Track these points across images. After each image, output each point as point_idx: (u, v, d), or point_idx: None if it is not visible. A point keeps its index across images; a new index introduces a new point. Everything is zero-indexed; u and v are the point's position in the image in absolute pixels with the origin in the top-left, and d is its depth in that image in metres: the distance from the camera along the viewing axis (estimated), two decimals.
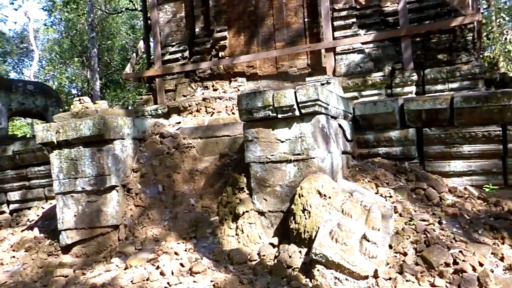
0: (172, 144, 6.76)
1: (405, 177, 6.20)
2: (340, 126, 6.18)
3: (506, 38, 21.04)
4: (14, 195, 8.82)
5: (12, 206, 8.90)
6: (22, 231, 7.18)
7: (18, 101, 9.87)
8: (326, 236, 4.54)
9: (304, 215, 4.88)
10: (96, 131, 5.90)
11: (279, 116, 5.36)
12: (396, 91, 8.63)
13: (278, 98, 5.27)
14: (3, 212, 8.92)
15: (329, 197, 4.93)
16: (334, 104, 5.85)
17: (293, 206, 5.07)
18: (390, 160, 6.56)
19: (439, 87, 8.38)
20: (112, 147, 6.12)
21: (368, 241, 4.48)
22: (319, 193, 4.93)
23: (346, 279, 4.30)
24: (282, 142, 5.44)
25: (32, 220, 7.54)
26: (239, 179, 5.73)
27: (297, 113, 5.29)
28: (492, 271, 4.29)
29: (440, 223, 5.11)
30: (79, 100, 6.33)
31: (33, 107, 10.06)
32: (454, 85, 8.29)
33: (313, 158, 5.29)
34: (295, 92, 5.24)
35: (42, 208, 7.85)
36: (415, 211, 5.43)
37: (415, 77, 8.46)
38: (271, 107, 5.33)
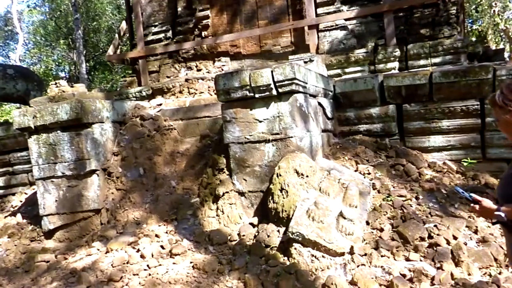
0: (152, 126, 6.72)
1: (385, 153, 6.23)
2: (320, 104, 6.16)
3: (494, 11, 20.93)
4: None
5: None
6: (5, 217, 7.17)
7: None
8: (303, 214, 4.57)
9: (282, 195, 4.90)
10: (73, 115, 5.85)
11: (257, 96, 5.33)
12: (379, 67, 8.58)
13: (255, 77, 5.23)
14: None
15: (307, 176, 4.95)
16: (313, 82, 5.81)
17: (271, 186, 5.08)
18: (371, 137, 6.58)
19: (422, 62, 8.34)
20: (91, 131, 6.07)
21: (345, 218, 4.52)
22: (297, 172, 4.95)
23: (323, 256, 4.35)
24: (260, 122, 5.42)
25: (16, 206, 7.53)
26: (218, 160, 5.73)
27: (274, 92, 5.26)
28: (466, 244, 4.36)
29: (417, 198, 5.16)
30: (56, 83, 6.25)
31: (14, 92, 9.89)
32: (437, 60, 8.24)
33: (291, 137, 5.28)
34: (271, 71, 5.20)
35: (25, 194, 7.82)
36: (393, 187, 5.48)
37: (397, 52, 8.41)
38: (248, 87, 5.29)
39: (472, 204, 2.35)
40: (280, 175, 5.00)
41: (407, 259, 4.31)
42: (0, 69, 9.93)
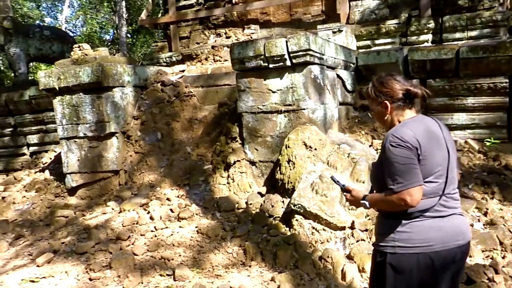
0: (173, 92, 6.81)
1: None
2: (338, 76, 6.03)
3: None
4: (33, 138, 9.19)
5: (31, 149, 9.30)
6: (35, 172, 7.56)
7: (35, 46, 10.03)
8: (307, 187, 4.57)
9: (289, 166, 4.91)
10: (94, 78, 6.01)
11: (271, 66, 5.28)
12: (411, 39, 8.24)
13: (269, 47, 5.17)
14: (23, 154, 9.36)
15: (315, 149, 4.92)
16: (331, 54, 5.68)
17: (280, 157, 5.09)
18: None
19: (458, 35, 7.93)
20: (112, 94, 6.23)
21: None
22: (305, 145, 4.92)
23: (324, 229, 4.36)
24: (273, 92, 5.39)
25: (45, 163, 7.90)
26: (232, 129, 5.77)
27: (288, 63, 5.19)
28: (472, 225, 4.26)
29: None
30: (79, 47, 6.40)
31: (50, 53, 10.21)
32: (474, 33, 7.82)
33: (304, 109, 5.23)
34: (286, 42, 5.12)
35: (55, 151, 8.17)
36: None
37: (431, 24, 8.02)
38: (262, 57, 5.25)
39: (344, 193, 2.42)
40: (288, 147, 4.99)
41: None
42: (37, 31, 10.25)
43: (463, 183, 4.94)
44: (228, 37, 10.30)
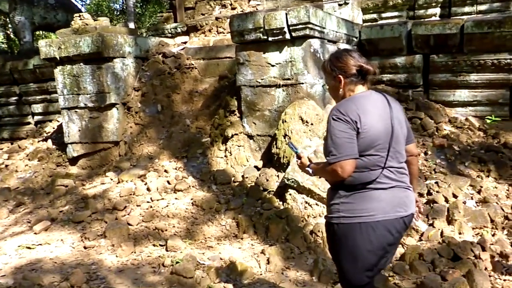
0: (174, 64, 6.77)
1: (405, 105, 6.00)
2: None
3: None
4: (38, 108, 9.25)
5: (36, 118, 9.37)
6: (38, 141, 7.65)
7: (40, 15, 9.98)
8: None
9: (285, 140, 4.91)
10: (94, 49, 5.99)
11: (270, 39, 5.22)
12: (419, 13, 8.06)
13: (268, 20, 5.10)
14: (28, 123, 9.44)
15: (311, 124, 4.90)
16: (332, 27, 5.59)
17: (276, 131, 5.09)
18: (394, 87, 6.33)
19: (467, 9, 7.74)
20: (112, 65, 6.22)
21: None
22: (302, 119, 4.91)
23: (316, 204, 4.39)
24: (272, 66, 5.34)
25: (49, 132, 7.98)
26: (230, 102, 5.76)
27: (287, 36, 5.12)
28: (465, 203, 4.26)
29: (426, 153, 5.02)
30: (79, 16, 6.36)
31: (55, 22, 10.15)
32: (483, 7, 7.62)
33: (302, 83, 5.19)
34: (286, 14, 5.04)
35: (58, 121, 8.24)
36: None
37: None
38: (262, 30, 5.18)
39: (296, 159, 2.54)
40: (285, 121, 4.98)
41: None
42: None
43: (459, 160, 4.92)
44: (233, 8, 10.14)
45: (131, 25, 12.30)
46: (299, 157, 2.50)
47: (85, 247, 4.09)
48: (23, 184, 6.31)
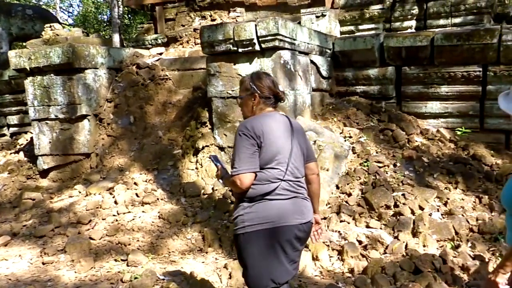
0: (148, 75, 6.72)
1: (378, 117, 6.02)
2: (312, 62, 5.95)
3: None
4: (13, 119, 9.11)
5: (12, 130, 9.22)
6: (10, 153, 7.52)
7: (18, 26, 9.90)
8: None
9: None
10: (65, 59, 5.92)
11: (240, 50, 5.20)
12: (395, 25, 8.12)
13: (238, 31, 5.09)
14: (4, 135, 9.29)
15: None
16: (304, 39, 5.59)
17: None
18: (368, 99, 6.35)
19: (442, 22, 7.82)
20: (83, 76, 6.15)
21: None
22: None
23: None
24: None
25: (22, 144, 7.85)
26: (201, 114, 5.72)
27: (257, 47, 5.11)
28: (430, 215, 4.24)
29: (395, 165, 5.01)
30: (50, 26, 6.30)
31: (33, 32, 10.06)
32: (458, 20, 7.70)
33: None
34: (255, 26, 5.04)
35: (31, 133, 8.10)
36: (377, 152, 5.32)
37: (415, 10, 7.91)
38: (231, 41, 5.16)
39: (217, 171, 2.70)
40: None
41: (368, 226, 4.24)
42: (19, 10, 10.10)
43: (428, 172, 4.91)
44: (213, 20, 10.15)
45: (116, 36, 12.22)
46: (217, 168, 2.67)
47: (43, 263, 3.98)
48: None
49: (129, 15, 29.17)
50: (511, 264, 1.88)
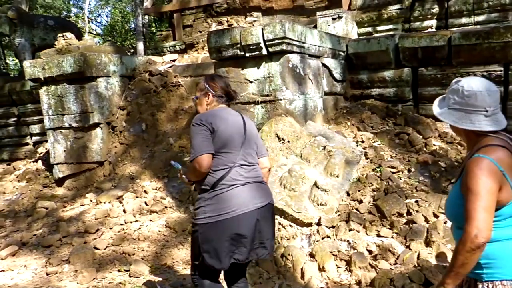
0: (160, 82, 6.71)
1: (394, 120, 5.81)
2: (324, 65, 5.80)
3: None
4: (35, 128, 9.28)
5: (34, 139, 9.39)
6: (30, 162, 7.64)
7: (40, 36, 10.10)
8: (276, 181, 4.41)
9: None
10: (77, 68, 5.96)
11: (247, 55, 5.11)
12: (414, 25, 7.89)
13: (245, 35, 5.00)
14: (27, 144, 9.48)
15: (288, 141, 4.75)
16: (314, 42, 5.45)
17: None
18: (383, 102, 6.14)
19: (464, 20, 7.54)
20: (95, 84, 6.18)
21: (318, 187, 4.32)
22: (278, 137, 4.76)
23: (290, 225, 4.20)
24: (251, 82, 5.22)
25: (41, 153, 7.97)
26: None
27: (264, 51, 5.01)
28: (445, 223, 4.01)
29: (409, 171, 4.79)
30: (63, 36, 6.37)
31: (54, 43, 10.26)
32: (481, 18, 7.42)
33: (280, 100, 5.05)
34: (262, 29, 4.94)
35: None
36: (392, 157, 5.11)
37: (436, 9, 7.66)
38: (239, 46, 5.08)
39: (179, 174, 2.86)
40: (261, 139, 4.82)
41: (379, 235, 4.06)
42: (41, 21, 10.31)
43: (444, 177, 4.67)
44: (230, 25, 10.12)
45: (140, 44, 12.39)
46: (180, 172, 2.83)
47: (47, 274, 3.97)
48: (8, 206, 6.26)
49: (156, 23, 29.59)
50: (452, 281, 1.70)
